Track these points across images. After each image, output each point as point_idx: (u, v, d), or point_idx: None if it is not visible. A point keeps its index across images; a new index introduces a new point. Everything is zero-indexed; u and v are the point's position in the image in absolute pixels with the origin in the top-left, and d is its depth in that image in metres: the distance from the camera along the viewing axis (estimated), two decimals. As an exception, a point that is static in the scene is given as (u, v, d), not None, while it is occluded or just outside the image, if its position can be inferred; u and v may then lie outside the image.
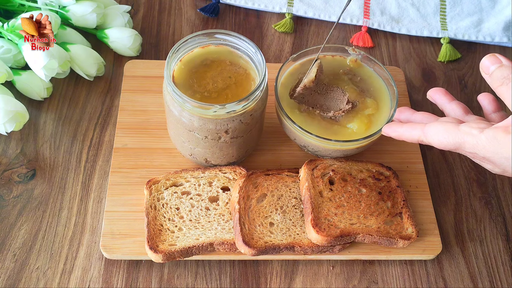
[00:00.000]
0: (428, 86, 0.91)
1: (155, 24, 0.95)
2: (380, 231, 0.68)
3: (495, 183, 0.80)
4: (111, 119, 0.82)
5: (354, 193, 0.71)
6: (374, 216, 0.69)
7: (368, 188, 0.71)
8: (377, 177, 0.73)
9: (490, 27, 0.96)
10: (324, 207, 0.68)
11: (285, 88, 0.75)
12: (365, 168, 0.74)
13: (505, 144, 0.51)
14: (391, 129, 0.64)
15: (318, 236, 0.65)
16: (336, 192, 0.70)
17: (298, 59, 0.78)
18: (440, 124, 0.57)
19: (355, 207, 0.69)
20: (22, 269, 0.68)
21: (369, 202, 0.70)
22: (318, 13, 0.97)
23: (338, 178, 0.72)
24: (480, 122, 0.55)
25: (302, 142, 0.73)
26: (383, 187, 0.72)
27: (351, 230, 0.67)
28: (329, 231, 0.66)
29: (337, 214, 0.68)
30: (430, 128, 0.58)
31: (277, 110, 0.75)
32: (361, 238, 0.67)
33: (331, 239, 0.65)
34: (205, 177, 0.72)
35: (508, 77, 0.54)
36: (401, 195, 0.72)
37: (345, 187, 0.71)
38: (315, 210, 0.67)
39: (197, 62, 0.71)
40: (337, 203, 0.69)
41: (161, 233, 0.67)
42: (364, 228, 0.68)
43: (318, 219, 0.67)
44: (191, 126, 0.67)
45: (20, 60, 0.81)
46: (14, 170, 0.76)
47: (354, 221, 0.68)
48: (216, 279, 0.69)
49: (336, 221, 0.67)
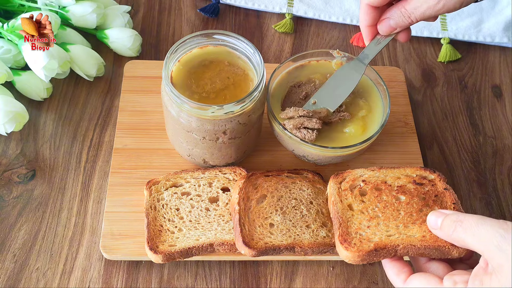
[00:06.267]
0: (428, 86, 0.91)
1: (155, 24, 0.95)
2: (426, 240, 0.59)
3: (495, 183, 0.80)
4: (111, 119, 0.82)
5: (390, 202, 0.63)
6: (417, 225, 0.61)
7: (409, 194, 0.64)
8: (419, 182, 0.65)
9: (490, 27, 0.96)
10: (355, 221, 0.62)
11: (277, 100, 0.74)
12: (403, 174, 0.66)
13: (494, 285, 0.49)
14: (385, 264, 0.60)
15: (348, 253, 0.59)
16: (369, 203, 0.64)
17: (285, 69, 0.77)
18: (423, 279, 0.55)
19: (392, 217, 0.62)
20: (22, 269, 0.68)
21: (410, 209, 0.62)
22: (318, 13, 0.97)
23: (371, 188, 0.65)
24: (462, 275, 0.53)
25: (300, 152, 0.72)
26: (427, 191, 0.64)
27: (388, 242, 0.59)
28: (361, 246, 0.59)
29: (370, 226, 0.61)
30: (412, 284, 0.56)
31: (270, 123, 0.74)
32: (403, 250, 0.58)
33: (363, 254, 0.58)
34: (205, 177, 0.72)
35: (458, 220, 0.54)
36: (450, 198, 0.64)
37: (379, 196, 0.64)
38: (343, 225, 0.61)
39: (195, 62, 0.71)
40: (370, 215, 0.62)
41: (161, 233, 0.67)
42: (405, 238, 0.59)
43: (347, 234, 0.60)
44: (189, 127, 0.67)
45: (20, 60, 0.81)
46: (14, 170, 0.76)
47: (392, 232, 0.60)
48: (216, 280, 0.69)
49: (370, 234, 0.60)
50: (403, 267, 0.58)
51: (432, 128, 0.86)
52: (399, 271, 0.58)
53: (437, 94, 0.90)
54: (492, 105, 0.90)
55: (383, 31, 0.69)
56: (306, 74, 0.77)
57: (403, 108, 0.85)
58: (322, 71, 0.77)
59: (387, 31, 0.68)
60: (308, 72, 0.77)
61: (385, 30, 0.68)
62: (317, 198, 0.71)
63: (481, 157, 0.83)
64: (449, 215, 0.55)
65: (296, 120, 0.70)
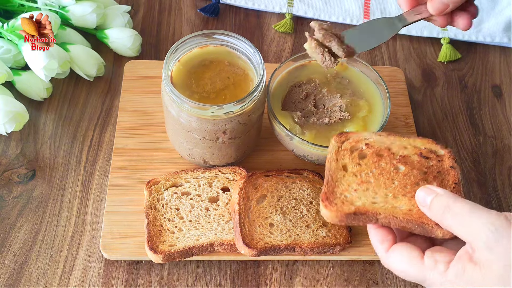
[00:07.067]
0: (428, 86, 0.91)
1: (155, 24, 0.95)
2: (411, 215, 0.56)
3: (495, 183, 0.80)
4: (111, 119, 0.82)
5: (387, 170, 0.60)
6: (408, 198, 0.58)
7: (410, 166, 0.60)
8: (425, 155, 0.62)
9: (490, 27, 0.96)
10: (344, 182, 0.59)
11: (277, 99, 0.74)
12: (411, 144, 0.63)
13: (477, 278, 0.47)
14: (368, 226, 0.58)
15: (327, 212, 0.57)
16: (365, 167, 0.61)
17: (285, 68, 0.77)
18: (405, 252, 0.53)
19: (384, 185, 0.59)
20: (22, 269, 0.68)
21: (406, 181, 0.59)
22: (318, 13, 0.97)
23: (372, 153, 0.62)
24: (444, 254, 0.51)
25: (301, 152, 0.72)
26: (431, 166, 0.61)
27: (370, 209, 0.56)
28: (341, 207, 0.57)
29: (357, 190, 0.58)
30: (393, 255, 0.54)
31: (271, 122, 0.74)
32: (384, 220, 0.56)
33: (342, 215, 0.56)
34: (205, 177, 0.72)
35: (448, 205, 0.51)
36: (453, 177, 0.60)
37: (378, 162, 0.61)
38: (330, 184, 0.59)
39: (195, 62, 0.71)
40: (362, 179, 0.60)
41: (161, 233, 0.67)
42: (390, 209, 0.57)
43: (331, 193, 0.58)
44: (189, 126, 0.67)
45: (20, 60, 0.81)
46: (14, 170, 0.76)
47: (378, 200, 0.58)
48: (216, 280, 0.69)
49: (354, 197, 0.58)
50: (387, 234, 0.56)
51: (432, 128, 0.86)
52: (382, 239, 0.56)
53: (437, 94, 0.90)
54: (492, 105, 0.90)
55: (435, 8, 0.60)
56: (306, 74, 0.77)
57: (403, 108, 0.85)
58: (322, 71, 0.77)
59: (440, 8, 0.60)
60: (308, 72, 0.77)
61: (437, 7, 0.60)
62: (317, 198, 0.71)
63: (481, 157, 0.83)
64: (439, 195, 0.52)
65: (328, 35, 0.63)
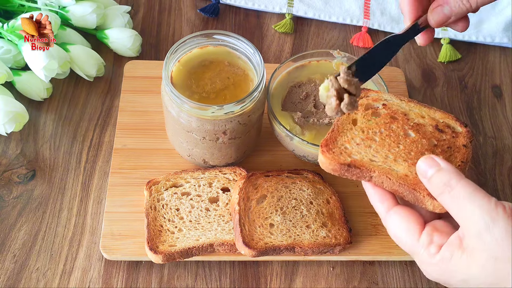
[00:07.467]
0: (428, 86, 0.91)
1: (155, 24, 0.95)
2: (406, 180, 0.54)
3: (495, 184, 0.80)
4: (111, 119, 0.82)
5: (396, 133, 0.58)
6: (408, 164, 0.56)
7: (421, 134, 0.59)
8: (441, 129, 0.60)
9: (490, 27, 0.96)
10: (349, 134, 0.58)
11: (277, 100, 0.75)
12: (431, 115, 0.61)
13: (461, 265, 0.47)
14: (365, 185, 0.57)
15: (322, 158, 0.56)
16: (375, 125, 0.59)
17: (285, 69, 0.77)
18: (405, 218, 0.52)
19: (388, 146, 0.57)
20: (22, 270, 0.68)
21: (412, 148, 0.57)
22: (318, 13, 0.97)
23: (386, 114, 0.60)
24: (443, 237, 0.50)
25: (301, 153, 0.72)
26: (443, 140, 0.59)
27: (366, 165, 0.55)
28: (338, 156, 0.56)
29: (359, 144, 0.57)
30: (393, 218, 0.53)
31: (271, 123, 0.73)
32: (377, 179, 0.55)
33: (335, 164, 0.55)
34: (205, 178, 0.72)
35: (449, 184, 0.48)
36: (463, 156, 0.58)
37: (390, 124, 0.59)
38: (334, 133, 0.58)
39: (195, 62, 0.71)
40: (368, 135, 0.58)
41: (161, 234, 0.67)
42: (385, 169, 0.55)
43: (333, 141, 0.57)
44: (189, 127, 0.67)
45: (20, 60, 0.81)
46: (14, 170, 0.76)
47: (377, 159, 0.56)
48: (216, 280, 0.69)
49: (354, 151, 0.57)
50: (385, 193, 0.55)
51: (432, 128, 0.86)
52: (381, 198, 0.55)
53: (437, 94, 0.90)
54: (492, 105, 0.90)
55: (436, 20, 0.59)
56: (306, 74, 0.77)
57: (403, 108, 0.85)
58: (323, 71, 0.77)
59: (441, 20, 0.59)
60: (308, 72, 0.78)
61: (438, 19, 0.59)
62: (317, 198, 0.71)
63: (481, 158, 0.83)
64: (442, 170, 0.50)
65: (349, 78, 0.54)
